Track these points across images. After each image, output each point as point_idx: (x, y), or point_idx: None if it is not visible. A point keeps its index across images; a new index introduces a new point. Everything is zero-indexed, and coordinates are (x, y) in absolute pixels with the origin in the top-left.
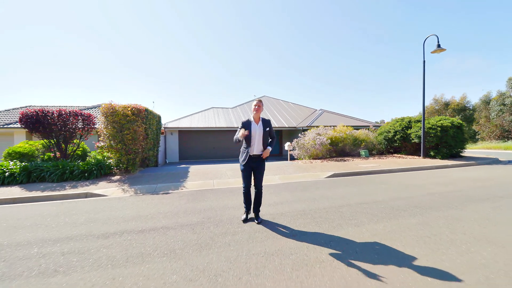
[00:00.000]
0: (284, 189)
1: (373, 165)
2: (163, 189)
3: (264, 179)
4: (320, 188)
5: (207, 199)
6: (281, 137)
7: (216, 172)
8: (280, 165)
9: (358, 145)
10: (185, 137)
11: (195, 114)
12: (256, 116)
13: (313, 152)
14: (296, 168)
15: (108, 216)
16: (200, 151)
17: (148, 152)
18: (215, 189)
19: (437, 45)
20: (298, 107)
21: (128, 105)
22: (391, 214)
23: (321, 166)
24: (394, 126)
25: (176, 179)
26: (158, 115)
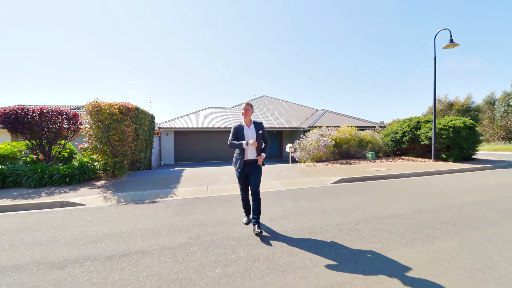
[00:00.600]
0: (287, 197)
1: (382, 169)
2: (150, 196)
3: (264, 184)
4: (328, 197)
5: (198, 211)
6: (282, 138)
7: (212, 177)
8: (281, 168)
9: (364, 147)
10: (181, 138)
11: (191, 114)
12: (246, 119)
13: (316, 154)
14: (299, 172)
15: (77, 233)
16: (196, 152)
17: (139, 154)
18: (208, 197)
19: (450, 40)
20: (298, 107)
21: (116, 103)
22: (421, 234)
23: (325, 169)
24: (402, 127)
25: (167, 185)
26: (151, 114)
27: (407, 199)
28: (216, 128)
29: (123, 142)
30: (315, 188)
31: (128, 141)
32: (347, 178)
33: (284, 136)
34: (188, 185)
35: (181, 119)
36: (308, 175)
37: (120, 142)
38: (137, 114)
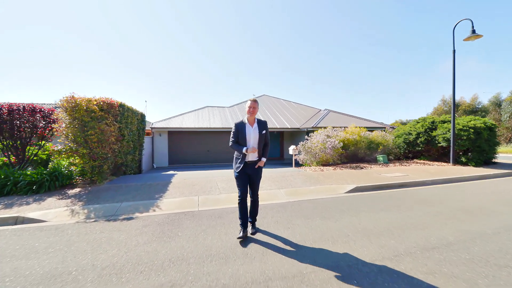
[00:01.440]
0: (296, 213)
1: (399, 175)
2: (128, 210)
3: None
4: (346, 213)
5: (182, 233)
6: (283, 139)
7: (205, 183)
8: (285, 173)
9: (373, 149)
10: (176, 139)
11: (187, 114)
12: (251, 118)
13: (323, 157)
14: (305, 178)
15: (8, 272)
16: (192, 154)
17: (124, 157)
18: (198, 212)
19: (471, 30)
20: (300, 106)
21: (95, 99)
22: (500, 279)
23: (335, 175)
24: (416, 128)
25: (151, 195)
26: (140, 113)
27: (447, 217)
28: (213, 128)
29: (103, 143)
30: (327, 200)
31: (110, 142)
32: (362, 187)
33: (286, 137)
34: (177, 195)
35: (176, 118)
36: (316, 182)
37: (99, 143)
38: (122, 111)
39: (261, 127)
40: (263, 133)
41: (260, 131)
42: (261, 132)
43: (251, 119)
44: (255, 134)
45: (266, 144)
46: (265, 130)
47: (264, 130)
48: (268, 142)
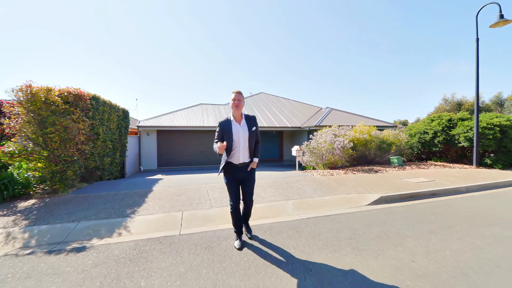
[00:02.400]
0: (313, 239)
1: (424, 180)
2: (83, 235)
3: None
4: (383, 238)
5: (146, 285)
6: (282, 139)
7: (195, 192)
8: (289, 178)
9: (385, 150)
10: (166, 138)
11: (178, 111)
12: (237, 113)
13: (330, 159)
14: (315, 184)
15: None
16: (184, 156)
17: (100, 159)
18: (179, 237)
19: (499, 15)
20: (300, 104)
21: (59, 89)
22: None
23: (348, 180)
24: (432, 126)
25: (122, 209)
26: (122, 108)
27: None
28: (207, 127)
29: (67, 143)
30: (350, 217)
31: (76, 141)
32: (388, 197)
33: (285, 137)
34: (155, 210)
35: (166, 116)
36: (329, 189)
37: (62, 143)
38: (96, 106)
39: (251, 123)
40: (253, 130)
41: (249, 128)
42: (251, 129)
43: (237, 114)
44: (244, 132)
45: (257, 142)
46: (255, 126)
47: (254, 126)
48: (259, 139)
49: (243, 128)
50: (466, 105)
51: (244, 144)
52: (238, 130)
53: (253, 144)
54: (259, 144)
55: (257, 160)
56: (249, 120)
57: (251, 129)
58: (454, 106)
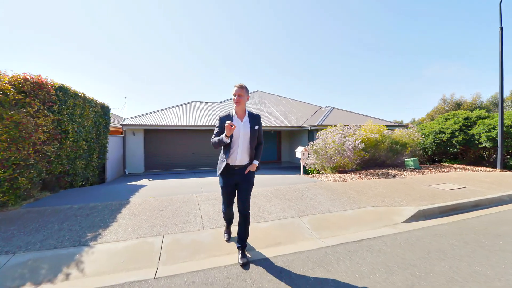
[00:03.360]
0: (354, 282)
1: (455, 187)
2: (11, 279)
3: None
4: (459, 284)
5: None
6: (280, 139)
7: (182, 205)
8: (297, 185)
9: (398, 151)
10: (154, 138)
11: (168, 109)
12: (239, 109)
13: (339, 162)
14: (330, 193)
15: None
16: (174, 157)
17: (70, 162)
18: (153, 284)
19: None
20: (299, 103)
21: (12, 75)
22: None
23: (368, 188)
24: (448, 125)
25: (82, 232)
26: (100, 103)
27: None
28: (199, 126)
29: (19, 142)
30: (390, 241)
31: (33, 141)
32: (427, 211)
33: (283, 137)
34: (126, 233)
35: (154, 114)
36: (349, 200)
37: (12, 143)
38: (64, 98)
39: (254, 122)
40: (255, 128)
41: (252, 126)
42: (253, 127)
43: (239, 110)
44: (246, 130)
45: (259, 143)
46: (259, 125)
47: (257, 125)
48: (262, 141)
49: (245, 125)
50: (465, 105)
51: (243, 143)
52: (239, 127)
53: (254, 145)
54: (262, 146)
55: (257, 163)
56: (253, 118)
57: (254, 127)
58: (453, 106)
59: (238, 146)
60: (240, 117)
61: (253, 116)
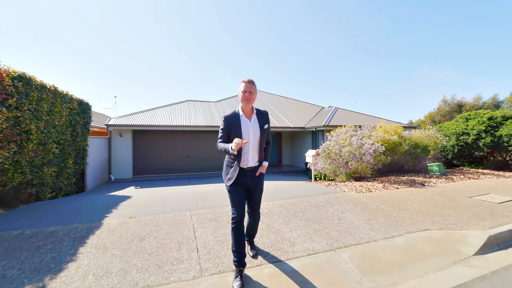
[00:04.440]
0: None
1: (505, 198)
2: None
3: (316, 265)
4: None
5: None
6: (281, 141)
7: (171, 231)
8: (316, 199)
9: (418, 155)
10: (144, 140)
11: (160, 108)
12: (247, 107)
13: (356, 168)
14: (360, 210)
15: None
16: (166, 161)
17: (35, 170)
18: None
19: None
20: (300, 103)
21: None
22: None
23: (402, 201)
24: (471, 125)
25: (19, 281)
26: (77, 99)
27: None
28: (194, 127)
29: None
30: None
31: None
32: (499, 236)
33: (284, 139)
34: (84, 284)
35: (144, 114)
36: (388, 220)
37: None
38: (26, 90)
39: (262, 120)
40: (265, 128)
41: (261, 126)
42: (263, 126)
43: (247, 109)
44: (255, 130)
45: (268, 142)
46: (267, 123)
47: (266, 123)
48: (270, 140)
49: (254, 125)
50: (467, 106)
51: (254, 144)
52: (248, 128)
53: (263, 145)
54: (270, 146)
55: (266, 164)
56: (261, 116)
57: (263, 126)
58: (454, 107)
59: (249, 147)
60: (248, 116)
61: (261, 113)
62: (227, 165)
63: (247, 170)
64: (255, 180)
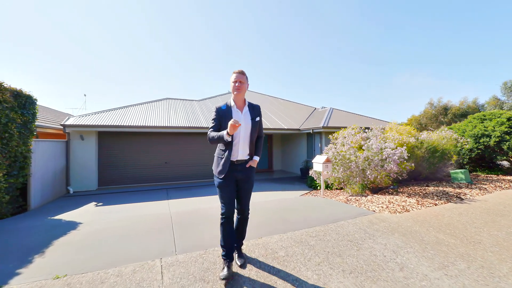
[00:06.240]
0: None
1: None
2: None
3: None
4: None
5: None
6: (271, 145)
7: None
8: (345, 226)
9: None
10: (112, 144)
11: (133, 107)
12: (239, 99)
13: (375, 177)
14: (415, 244)
15: None
16: (139, 169)
17: None
18: None
19: None
20: (292, 104)
21: None
22: None
23: (461, 228)
24: (492, 126)
25: None
26: (12, 89)
27: None
28: (174, 128)
29: None
30: None
31: None
32: None
33: (275, 142)
34: None
35: (113, 113)
36: (470, 264)
37: None
38: None
39: (254, 112)
40: (256, 120)
41: (253, 118)
42: (255, 119)
43: (239, 99)
44: (247, 122)
45: (260, 136)
46: (259, 116)
47: (257, 116)
48: (262, 133)
49: (246, 117)
50: (453, 110)
51: (245, 136)
52: (239, 119)
53: (254, 139)
54: (262, 140)
55: (257, 159)
56: (253, 108)
57: (255, 119)
58: (440, 110)
59: (239, 139)
60: (239, 108)
61: (253, 106)
62: (218, 157)
63: (237, 164)
64: (244, 175)
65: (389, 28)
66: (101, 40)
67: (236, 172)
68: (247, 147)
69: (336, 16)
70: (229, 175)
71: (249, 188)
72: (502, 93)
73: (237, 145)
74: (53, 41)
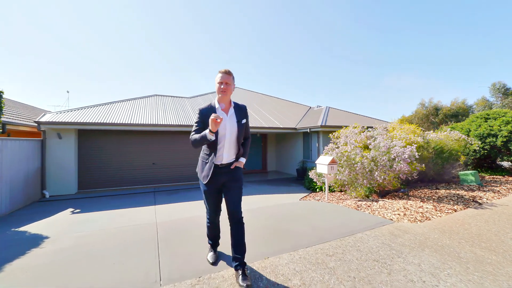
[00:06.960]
0: None
1: None
2: None
3: None
4: None
5: None
6: (266, 145)
7: None
8: (362, 239)
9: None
10: (94, 143)
11: (118, 103)
12: (224, 100)
13: (383, 180)
14: (454, 264)
15: None
16: (125, 170)
17: None
18: None
19: None
20: (286, 103)
21: None
22: None
23: (494, 238)
24: (498, 125)
25: None
26: None
27: None
28: (162, 127)
29: None
30: None
31: None
32: None
33: (269, 142)
34: None
35: (96, 109)
36: None
37: None
38: None
39: (241, 114)
40: (243, 122)
41: (239, 120)
42: (241, 121)
43: (224, 101)
44: (232, 124)
45: (247, 138)
46: (246, 118)
47: (244, 118)
48: (249, 135)
49: (231, 119)
50: (444, 110)
51: (230, 139)
52: (224, 121)
53: (241, 141)
54: (249, 141)
55: (244, 160)
56: (239, 110)
57: (241, 121)
58: (432, 110)
59: (224, 143)
60: (225, 110)
61: (239, 107)
62: (203, 161)
63: (221, 167)
64: (230, 176)
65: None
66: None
67: (221, 176)
68: (232, 151)
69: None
70: (214, 180)
71: (238, 187)
72: (491, 94)
73: (221, 149)
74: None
